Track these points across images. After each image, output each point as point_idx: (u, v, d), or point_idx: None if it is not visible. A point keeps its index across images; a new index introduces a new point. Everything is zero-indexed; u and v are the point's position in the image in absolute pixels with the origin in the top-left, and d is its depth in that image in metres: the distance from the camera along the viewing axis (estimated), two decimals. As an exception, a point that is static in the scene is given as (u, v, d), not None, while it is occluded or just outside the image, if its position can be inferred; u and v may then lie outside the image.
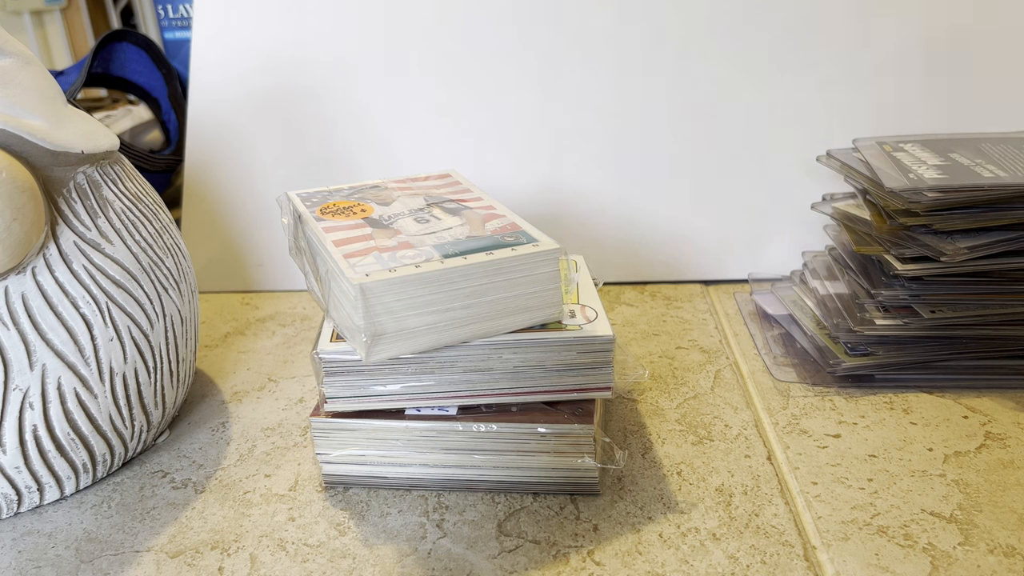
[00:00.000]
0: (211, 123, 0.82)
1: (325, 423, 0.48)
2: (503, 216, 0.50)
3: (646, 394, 0.58)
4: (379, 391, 0.47)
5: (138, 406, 0.51)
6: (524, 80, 0.78)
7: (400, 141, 0.80)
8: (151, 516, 0.48)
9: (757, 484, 0.48)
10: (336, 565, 0.43)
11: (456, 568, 0.42)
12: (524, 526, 0.45)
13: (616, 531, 0.45)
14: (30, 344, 0.44)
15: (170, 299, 0.52)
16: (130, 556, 0.45)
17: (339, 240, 0.47)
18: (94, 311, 0.47)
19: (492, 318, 0.46)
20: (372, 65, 0.80)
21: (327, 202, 0.54)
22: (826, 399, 0.56)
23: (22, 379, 0.44)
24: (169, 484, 0.51)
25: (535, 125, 0.78)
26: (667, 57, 0.77)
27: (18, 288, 0.44)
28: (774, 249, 0.75)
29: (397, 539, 0.45)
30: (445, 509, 0.47)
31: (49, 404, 0.45)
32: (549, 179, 0.78)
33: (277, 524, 0.47)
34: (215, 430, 0.57)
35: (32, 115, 0.46)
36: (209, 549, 0.45)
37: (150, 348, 0.50)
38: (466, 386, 0.47)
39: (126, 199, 0.51)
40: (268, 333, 0.71)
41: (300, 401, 0.60)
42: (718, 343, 0.65)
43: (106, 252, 0.48)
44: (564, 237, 0.77)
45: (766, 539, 0.43)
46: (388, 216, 0.51)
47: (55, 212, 0.46)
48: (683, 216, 0.76)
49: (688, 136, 0.77)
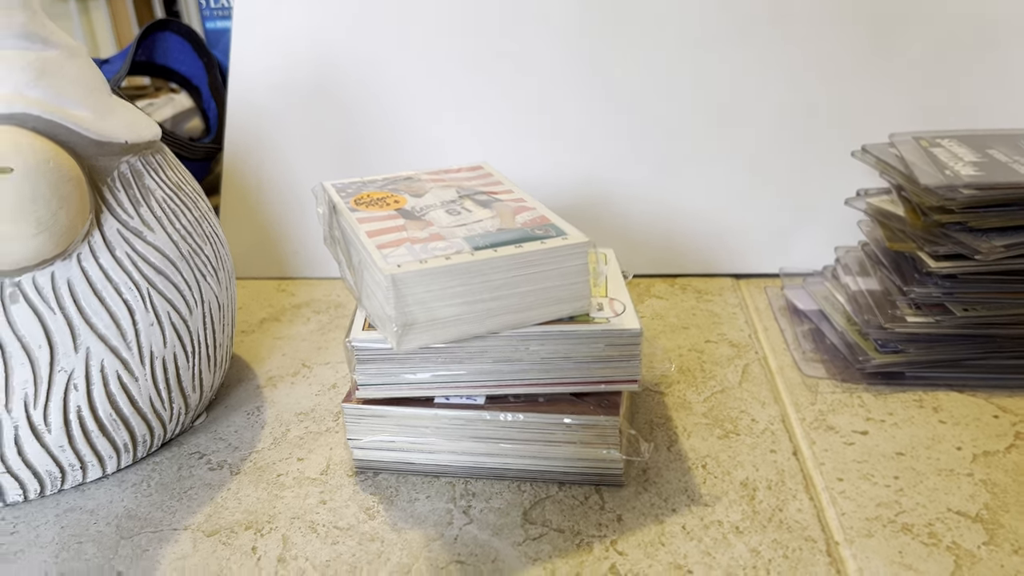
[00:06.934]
0: (250, 112, 0.83)
1: (357, 409, 0.49)
2: (533, 209, 0.51)
3: (673, 387, 0.58)
4: (409, 379, 0.48)
5: (176, 389, 0.52)
6: (558, 74, 0.79)
7: (435, 133, 0.80)
8: (188, 496, 0.50)
9: (782, 479, 0.48)
10: (365, 548, 0.44)
11: (481, 554, 0.43)
12: (549, 515, 0.46)
13: (640, 522, 0.45)
14: (75, 328, 0.46)
15: (208, 286, 0.54)
16: (168, 534, 0.47)
17: (372, 231, 0.48)
18: (136, 297, 0.48)
19: (521, 310, 0.46)
20: (408, 57, 0.81)
21: (361, 193, 0.55)
22: (854, 396, 0.56)
23: (67, 361, 0.46)
24: (206, 465, 0.53)
25: (569, 118, 0.78)
26: (702, 51, 0.76)
27: (64, 274, 0.46)
28: (807, 244, 0.75)
29: (424, 524, 0.46)
30: (472, 496, 0.48)
31: (92, 386, 0.47)
32: (582, 171, 0.78)
33: (309, 507, 0.48)
34: (250, 414, 0.58)
35: (78, 106, 0.48)
36: (243, 529, 0.47)
37: (189, 333, 0.52)
38: (494, 376, 0.48)
39: (167, 188, 0.52)
40: (303, 319, 0.72)
41: (333, 387, 0.61)
42: (747, 337, 0.65)
43: (148, 240, 0.49)
44: (596, 229, 0.78)
45: (789, 534, 0.44)
46: (420, 208, 0.52)
47: (99, 200, 0.48)
48: (716, 209, 0.76)
49: (722, 129, 0.76)
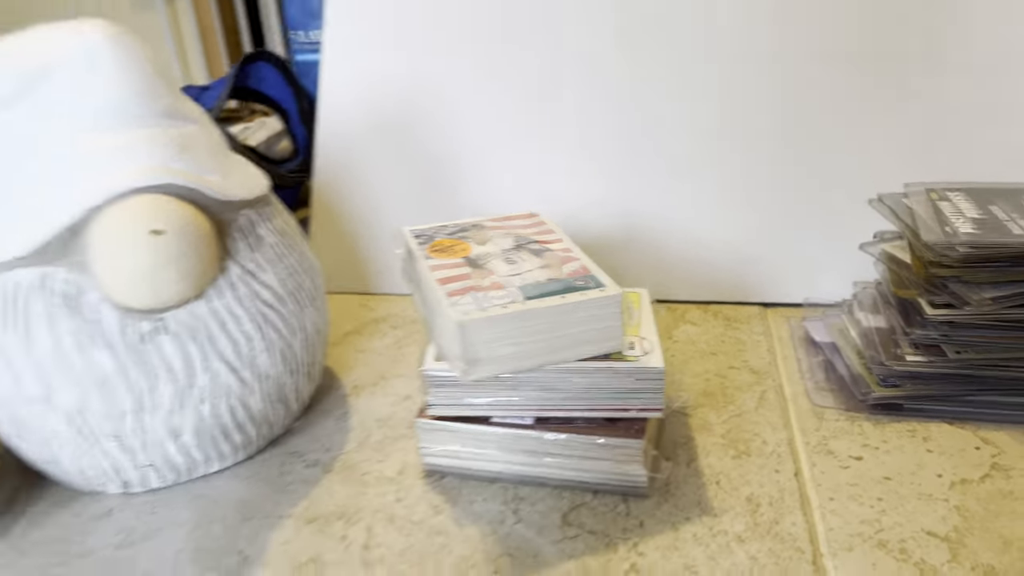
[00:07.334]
0: (338, 142, 0.94)
1: (428, 424, 0.59)
2: (577, 259, 0.61)
3: (698, 410, 0.67)
4: (471, 402, 0.58)
5: (280, 401, 0.64)
6: (609, 117, 0.87)
7: (499, 164, 0.90)
8: (289, 489, 0.61)
9: (782, 496, 0.57)
10: (432, 540, 0.55)
11: (527, 549, 0.54)
12: (583, 518, 0.56)
13: (659, 528, 0.55)
14: (206, 353, 0.57)
15: (307, 314, 0.65)
16: (275, 520, 0.58)
17: (443, 279, 0.58)
18: (253, 328, 0.59)
19: (564, 348, 0.56)
20: (481, 97, 0.90)
21: (434, 240, 0.65)
22: (856, 424, 0.64)
23: (199, 379, 0.57)
24: (302, 463, 0.64)
25: (619, 151, 0.87)
26: (740, 87, 0.84)
27: (197, 311, 0.57)
28: (834, 275, 0.83)
29: (481, 521, 0.56)
30: (520, 500, 0.58)
31: (218, 399, 0.59)
32: (627, 201, 0.87)
33: (387, 503, 0.59)
34: (338, 419, 0.70)
35: (210, 172, 0.59)
36: (335, 519, 0.58)
37: (292, 354, 0.63)
38: (541, 401, 0.57)
39: (275, 235, 0.64)
40: (381, 334, 0.83)
41: (407, 398, 0.72)
42: (767, 365, 0.73)
43: (261, 280, 0.61)
44: (636, 256, 0.87)
45: (782, 544, 0.53)
46: (483, 255, 0.62)
47: (224, 249, 0.59)
48: (748, 240, 0.84)
49: (758, 163, 0.84)
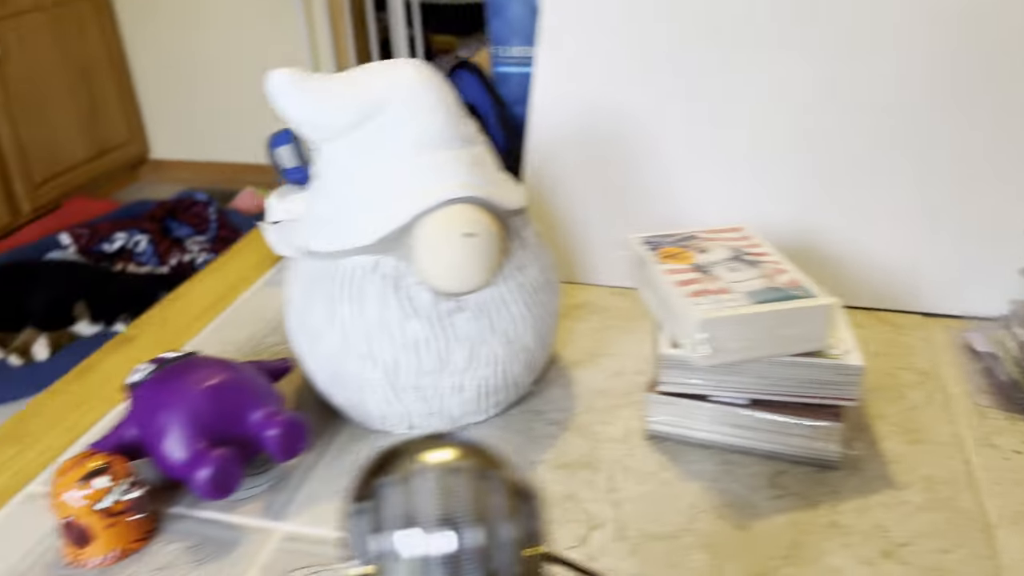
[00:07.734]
0: (545, 149, 1.09)
1: (657, 397, 0.74)
2: (788, 272, 0.73)
3: (873, 402, 0.80)
4: (695, 382, 0.72)
5: (530, 369, 0.79)
6: (785, 125, 0.99)
7: (694, 184, 1.03)
8: (537, 441, 0.76)
9: (955, 478, 0.69)
10: (663, 488, 0.69)
11: (743, 502, 0.67)
12: (787, 482, 0.69)
13: (850, 496, 0.68)
14: (492, 328, 0.73)
15: (551, 299, 0.80)
16: (529, 466, 0.73)
17: (679, 282, 0.72)
18: (521, 310, 0.75)
19: (780, 345, 0.69)
20: (684, 118, 1.03)
21: (660, 248, 0.79)
22: (1015, 423, 0.75)
23: (484, 349, 0.73)
24: (544, 421, 0.79)
25: (797, 166, 0.99)
26: (906, 100, 0.94)
27: (485, 296, 0.72)
28: (993, 292, 0.92)
29: (700, 478, 0.70)
30: (731, 464, 0.72)
31: (493, 365, 0.74)
32: (808, 213, 0.99)
33: (620, 456, 0.73)
34: (564, 387, 0.84)
35: (494, 184, 0.74)
36: (580, 467, 0.73)
37: (545, 331, 0.78)
38: (756, 386, 0.71)
39: (534, 237, 0.78)
40: (583, 318, 0.98)
41: (617, 374, 0.86)
42: (932, 367, 0.85)
43: (528, 273, 0.76)
44: (815, 265, 0.98)
45: (958, 515, 0.65)
46: (707, 264, 0.75)
47: (505, 247, 0.74)
48: (915, 252, 0.95)
49: (929, 176, 0.94)
